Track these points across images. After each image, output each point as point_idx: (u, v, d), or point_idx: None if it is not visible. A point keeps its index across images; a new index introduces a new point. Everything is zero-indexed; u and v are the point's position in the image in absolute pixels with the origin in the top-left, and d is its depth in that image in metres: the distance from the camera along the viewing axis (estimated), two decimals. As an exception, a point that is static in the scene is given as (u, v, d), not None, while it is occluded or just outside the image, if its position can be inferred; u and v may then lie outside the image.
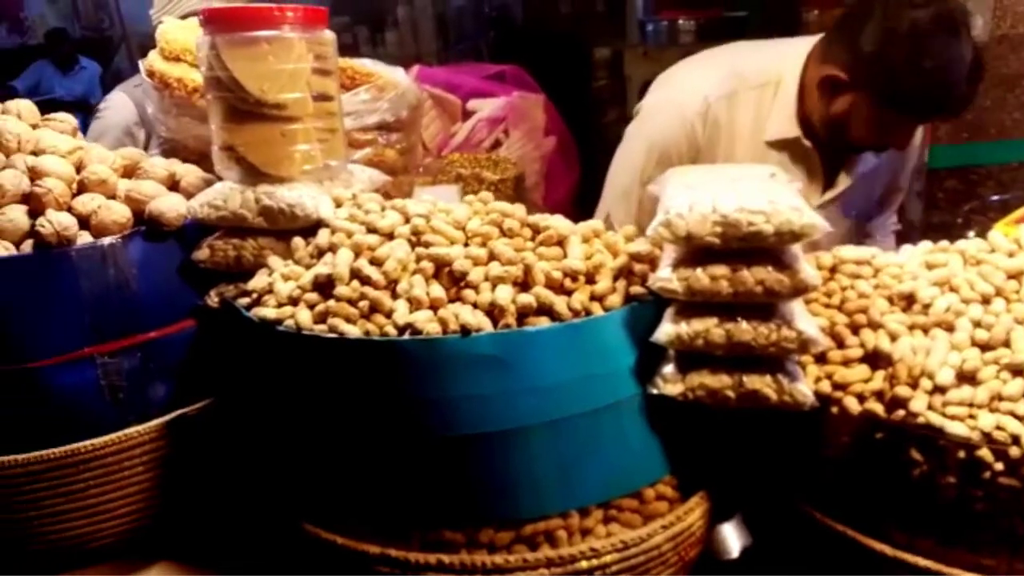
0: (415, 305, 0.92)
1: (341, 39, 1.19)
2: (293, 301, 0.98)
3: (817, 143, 1.72)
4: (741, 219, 0.86)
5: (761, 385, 0.89)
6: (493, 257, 0.96)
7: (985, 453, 0.83)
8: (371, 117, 1.48)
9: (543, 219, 1.02)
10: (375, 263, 0.97)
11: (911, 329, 0.94)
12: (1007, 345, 0.88)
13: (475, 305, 0.91)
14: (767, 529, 1.09)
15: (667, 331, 0.90)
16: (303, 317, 0.95)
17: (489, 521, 0.94)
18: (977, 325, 0.91)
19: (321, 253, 1.03)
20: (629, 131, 1.91)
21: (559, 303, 0.91)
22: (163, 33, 1.44)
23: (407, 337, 0.89)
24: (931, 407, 0.86)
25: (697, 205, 0.89)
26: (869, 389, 0.91)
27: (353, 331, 0.91)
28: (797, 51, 1.71)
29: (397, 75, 1.56)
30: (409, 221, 1.02)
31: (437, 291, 0.93)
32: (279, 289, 1.00)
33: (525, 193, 2.79)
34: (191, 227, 1.16)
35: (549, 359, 0.89)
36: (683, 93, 1.81)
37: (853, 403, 0.90)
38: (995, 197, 2.99)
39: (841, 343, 0.96)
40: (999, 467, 0.83)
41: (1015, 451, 0.82)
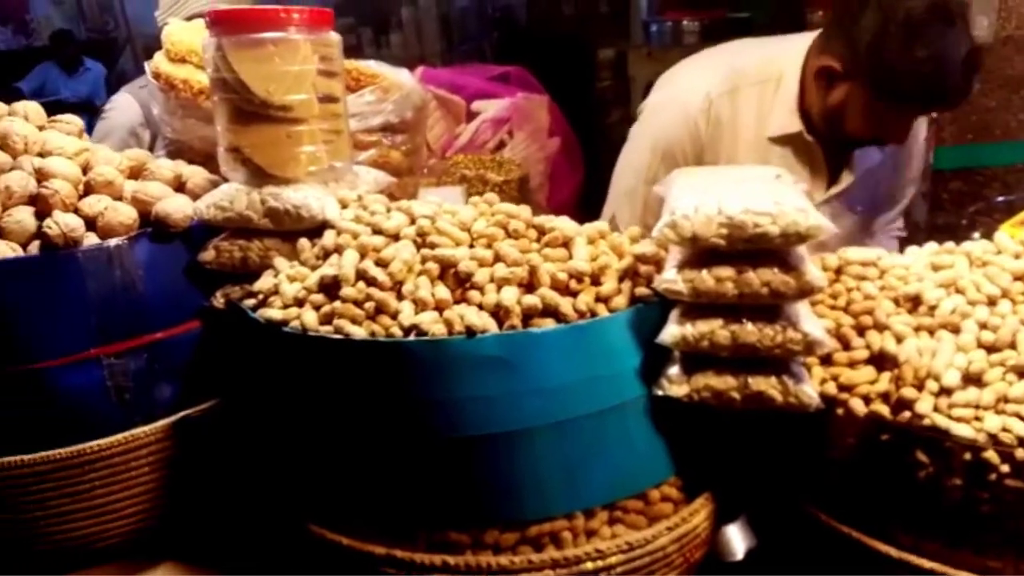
0: (421, 306, 0.92)
1: (345, 40, 1.19)
2: (299, 302, 0.99)
3: (820, 138, 1.71)
4: (747, 220, 0.86)
5: (766, 387, 0.89)
6: (498, 258, 0.96)
7: (991, 455, 0.83)
8: (376, 118, 1.48)
9: (549, 220, 1.02)
10: (381, 264, 0.97)
11: (917, 331, 0.94)
12: (1013, 347, 0.88)
13: (480, 306, 0.91)
14: (772, 531, 1.09)
15: (672, 332, 0.90)
16: (309, 318, 0.95)
17: (494, 522, 0.94)
18: (983, 327, 0.91)
19: (327, 254, 1.03)
20: (633, 131, 1.91)
21: (564, 304, 0.91)
22: (169, 35, 1.45)
23: (413, 338, 0.89)
24: (937, 409, 0.86)
25: (703, 207, 0.89)
26: (875, 391, 0.90)
27: (359, 332, 0.92)
28: (798, 47, 1.71)
29: (402, 76, 1.56)
30: (415, 222, 1.02)
31: (442, 292, 0.93)
32: (285, 290, 1.00)
33: (529, 194, 2.79)
34: (197, 228, 1.17)
35: (554, 360, 0.89)
36: (685, 91, 1.81)
37: (859, 405, 0.90)
38: (1000, 198, 2.98)
39: (847, 345, 0.96)
40: (1005, 469, 0.82)
41: (1021, 453, 0.82)
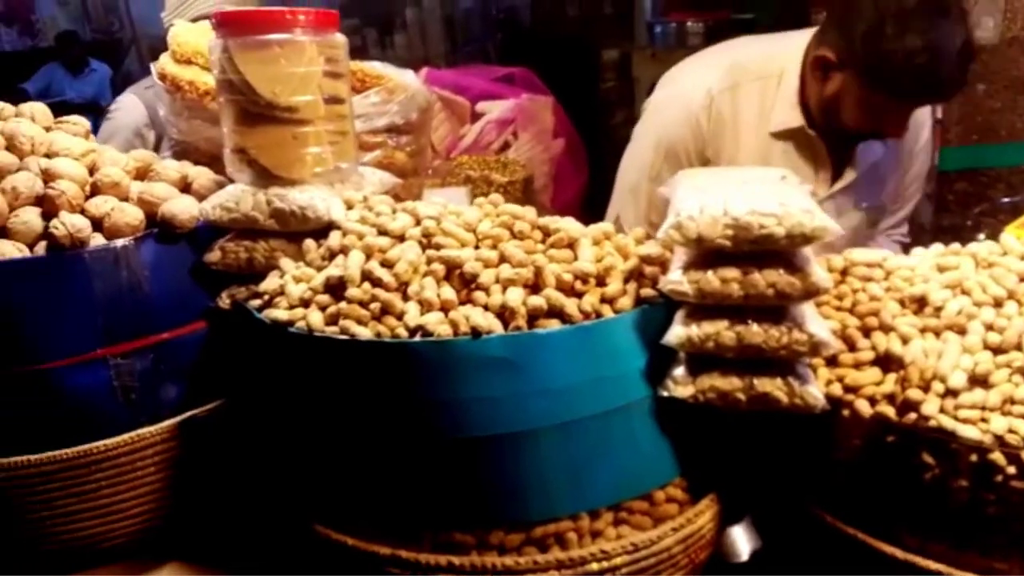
0: (426, 307, 0.92)
1: (350, 42, 1.19)
2: (305, 303, 0.99)
3: (822, 133, 1.71)
4: (752, 222, 0.86)
5: (772, 388, 0.89)
6: (504, 259, 0.97)
7: (997, 456, 0.82)
8: (381, 120, 1.48)
9: (554, 221, 1.02)
10: (386, 265, 0.97)
11: (923, 332, 0.94)
12: (1019, 348, 0.88)
13: (486, 307, 0.92)
14: (777, 532, 1.08)
15: (678, 333, 0.90)
16: (315, 319, 0.95)
17: (499, 523, 0.94)
18: (989, 328, 0.91)
19: (332, 255, 1.04)
20: (636, 129, 1.93)
21: (570, 305, 0.91)
22: (175, 36, 1.45)
23: (418, 339, 0.90)
24: (943, 410, 0.86)
25: (708, 208, 0.89)
26: (880, 392, 0.90)
27: (364, 333, 0.92)
28: (799, 43, 1.71)
29: (407, 78, 1.56)
30: (420, 223, 1.02)
31: (448, 293, 0.93)
32: (291, 291, 1.00)
33: (533, 195, 2.79)
34: (203, 229, 1.17)
35: (560, 361, 0.89)
36: (687, 88, 1.82)
37: (864, 406, 0.90)
38: (1005, 199, 2.97)
39: (852, 346, 0.95)
40: (1011, 470, 0.82)
41: (1027, 454, 0.82)
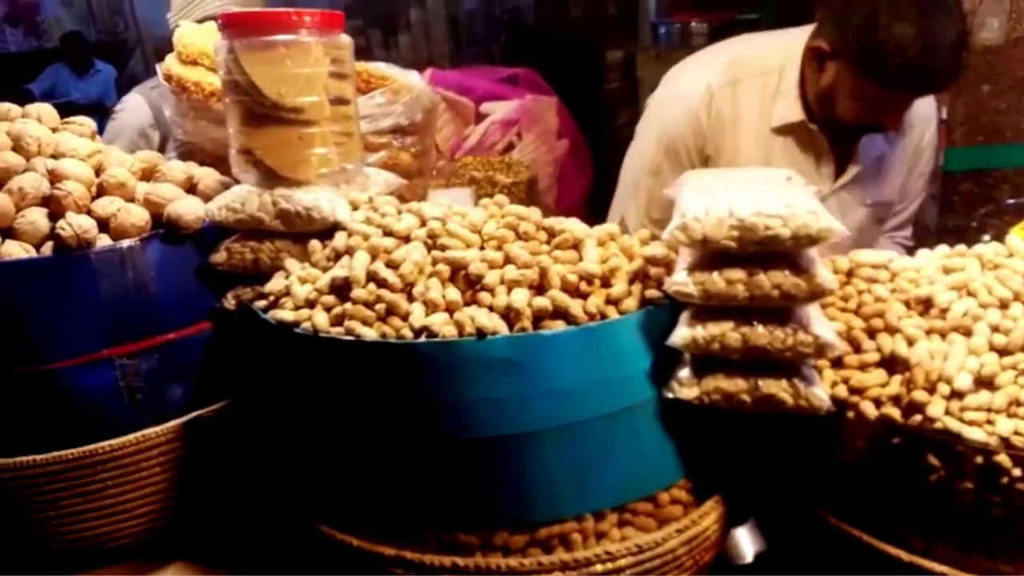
0: (431, 308, 0.93)
1: (354, 42, 1.20)
2: (310, 304, 0.99)
3: (823, 127, 1.70)
4: (758, 223, 0.86)
5: (777, 389, 0.89)
6: (509, 260, 0.97)
7: (1003, 458, 0.82)
8: (386, 120, 1.48)
9: (559, 222, 1.02)
10: (391, 266, 0.97)
11: (928, 333, 0.94)
12: (1025, 350, 0.88)
13: (491, 308, 0.92)
14: (782, 533, 1.08)
15: (683, 335, 0.90)
16: (320, 320, 0.95)
17: (504, 524, 0.94)
18: (995, 330, 0.91)
19: (338, 256, 1.04)
20: (638, 127, 1.95)
21: (575, 306, 0.91)
22: (180, 37, 1.45)
23: (423, 340, 0.90)
24: (948, 412, 0.86)
25: (713, 209, 0.89)
26: (886, 394, 0.90)
27: (370, 334, 0.92)
28: (799, 38, 1.71)
29: (411, 78, 1.56)
30: (425, 224, 1.02)
31: (453, 294, 0.93)
32: (296, 292, 1.01)
33: (538, 196, 2.80)
34: (209, 230, 1.17)
35: (564, 362, 0.89)
36: (687, 85, 1.83)
37: (870, 408, 0.90)
38: (1011, 200, 2.96)
39: (858, 347, 0.95)
40: (1017, 472, 0.82)
41: (1033, 456, 0.82)
